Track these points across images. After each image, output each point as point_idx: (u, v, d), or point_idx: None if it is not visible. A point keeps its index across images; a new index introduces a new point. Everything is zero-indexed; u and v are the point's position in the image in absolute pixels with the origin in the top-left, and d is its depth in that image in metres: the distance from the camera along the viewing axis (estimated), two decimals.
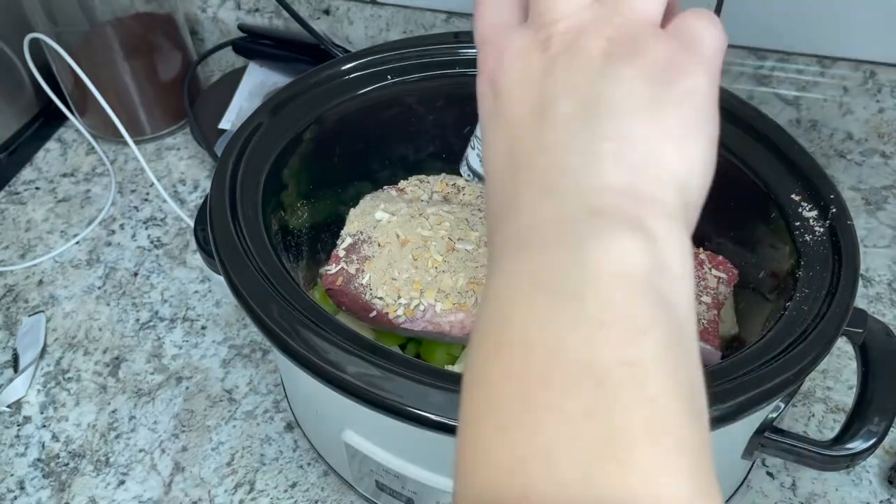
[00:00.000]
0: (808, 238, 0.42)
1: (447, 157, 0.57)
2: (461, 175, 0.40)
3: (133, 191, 0.72)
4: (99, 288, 0.64)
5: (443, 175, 0.56)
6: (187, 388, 0.57)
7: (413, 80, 0.53)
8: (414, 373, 0.35)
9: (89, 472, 0.53)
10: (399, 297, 0.45)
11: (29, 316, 0.62)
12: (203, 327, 0.61)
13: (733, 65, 0.71)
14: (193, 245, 0.67)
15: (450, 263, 0.46)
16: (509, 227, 0.23)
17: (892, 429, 0.40)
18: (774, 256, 0.45)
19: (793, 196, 0.44)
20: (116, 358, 0.59)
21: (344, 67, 0.52)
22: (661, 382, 0.20)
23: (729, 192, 0.49)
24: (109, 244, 0.68)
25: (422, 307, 0.45)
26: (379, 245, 0.48)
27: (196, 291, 0.64)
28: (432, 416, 0.34)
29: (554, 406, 0.19)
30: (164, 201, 0.70)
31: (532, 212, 0.23)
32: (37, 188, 0.73)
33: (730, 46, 0.79)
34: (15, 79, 0.75)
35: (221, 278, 0.40)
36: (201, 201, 0.56)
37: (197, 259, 0.66)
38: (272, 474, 0.52)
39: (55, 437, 0.54)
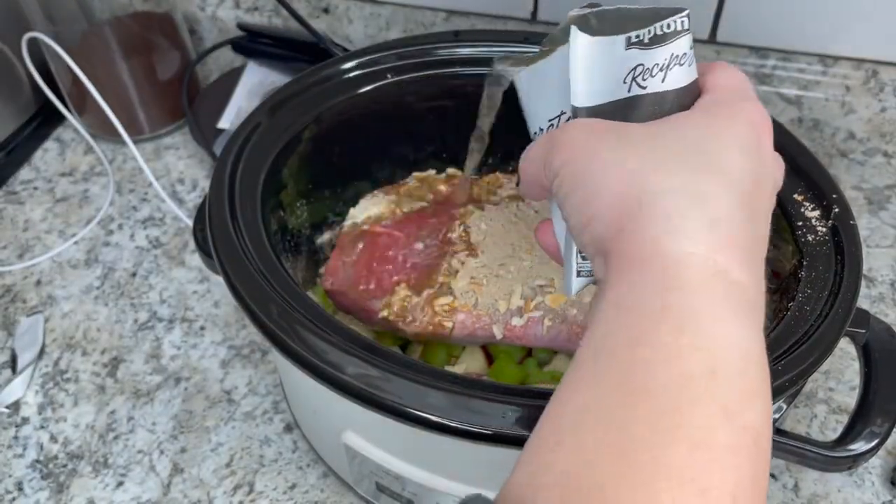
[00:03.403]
0: (810, 238, 0.42)
1: (447, 157, 0.57)
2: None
3: (131, 190, 0.72)
4: (97, 288, 0.64)
5: (443, 174, 0.55)
6: (186, 388, 0.57)
7: (413, 79, 0.52)
8: (414, 373, 0.35)
9: (88, 473, 0.52)
10: (399, 297, 0.45)
11: (27, 316, 0.62)
12: (202, 328, 0.61)
13: (735, 63, 0.70)
14: (192, 245, 0.67)
15: (449, 263, 0.46)
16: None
17: (894, 430, 0.39)
18: (777, 256, 0.44)
19: (795, 196, 0.44)
20: (115, 358, 0.59)
21: (343, 66, 0.52)
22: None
23: None
24: (108, 244, 0.68)
25: (421, 307, 0.45)
26: (378, 245, 0.47)
27: (195, 292, 0.64)
28: (432, 417, 0.34)
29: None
30: (163, 201, 0.70)
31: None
32: (35, 188, 0.73)
33: (731, 45, 0.78)
34: (13, 78, 0.75)
35: (220, 278, 0.40)
36: (200, 201, 0.56)
37: (196, 259, 0.66)
38: (271, 475, 0.52)
39: (53, 438, 0.54)
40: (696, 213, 0.25)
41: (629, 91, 0.29)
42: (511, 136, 0.57)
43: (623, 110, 0.29)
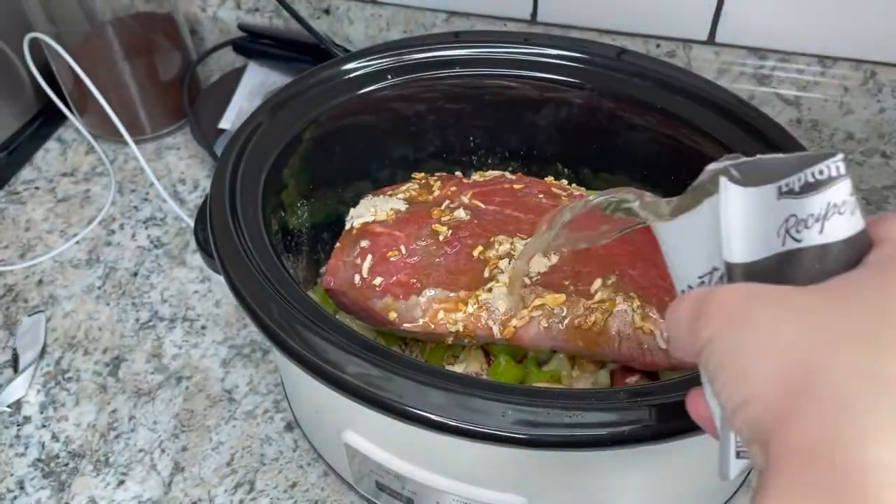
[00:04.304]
0: None
1: (447, 157, 0.57)
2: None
3: (133, 190, 0.72)
4: (99, 288, 0.64)
5: (443, 175, 0.56)
6: (187, 387, 0.57)
7: (413, 79, 0.53)
8: (414, 373, 0.35)
9: (89, 472, 0.53)
10: (399, 297, 0.45)
11: (29, 316, 0.62)
12: (203, 327, 0.61)
13: (734, 64, 0.71)
14: (193, 245, 0.67)
15: (450, 263, 0.46)
16: None
17: None
18: None
19: None
20: (116, 358, 0.59)
21: (344, 67, 0.52)
22: None
23: None
24: (109, 244, 0.68)
25: (422, 307, 0.45)
26: (379, 245, 0.47)
27: (196, 291, 0.64)
28: (432, 416, 0.34)
29: None
30: (164, 201, 0.70)
31: None
32: (36, 188, 0.73)
33: (730, 46, 0.78)
34: (15, 78, 0.75)
35: (221, 278, 0.40)
36: (201, 201, 0.56)
37: (197, 259, 0.66)
38: (272, 474, 0.52)
39: (55, 437, 0.54)
40: (884, 405, 0.20)
41: (783, 245, 0.26)
42: (512, 136, 0.57)
43: (781, 266, 0.27)
